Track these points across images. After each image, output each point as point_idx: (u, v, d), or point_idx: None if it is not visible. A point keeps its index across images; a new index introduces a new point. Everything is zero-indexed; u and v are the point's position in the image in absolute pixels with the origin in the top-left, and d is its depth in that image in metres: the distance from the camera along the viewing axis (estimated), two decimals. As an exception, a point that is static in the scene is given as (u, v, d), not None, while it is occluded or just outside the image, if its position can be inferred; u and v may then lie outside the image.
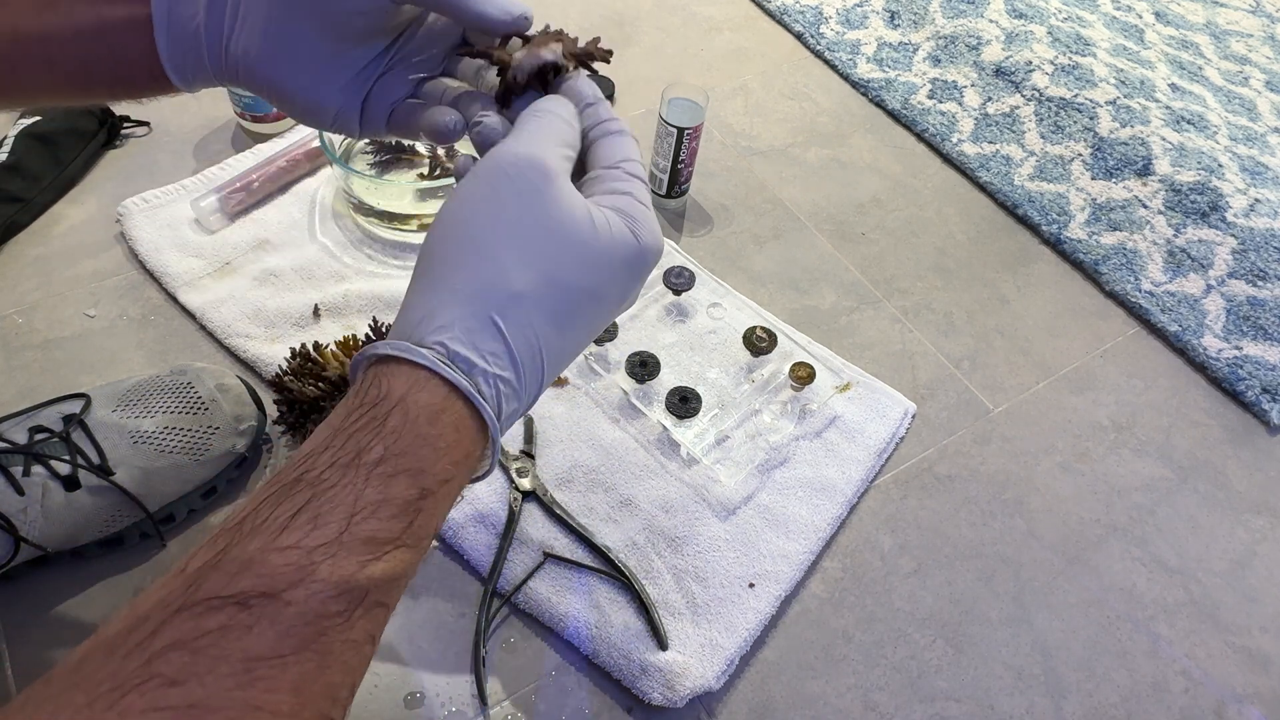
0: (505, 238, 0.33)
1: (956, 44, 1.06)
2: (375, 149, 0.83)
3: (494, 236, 0.33)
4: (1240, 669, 0.63)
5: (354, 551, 0.28)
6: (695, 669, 0.57)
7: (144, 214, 0.78)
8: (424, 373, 0.31)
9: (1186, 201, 0.90)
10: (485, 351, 0.32)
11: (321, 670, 0.27)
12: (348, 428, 0.30)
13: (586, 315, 0.35)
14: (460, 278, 0.32)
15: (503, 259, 0.32)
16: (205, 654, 0.25)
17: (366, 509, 0.29)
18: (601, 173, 0.38)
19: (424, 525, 0.30)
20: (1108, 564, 0.68)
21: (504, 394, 0.32)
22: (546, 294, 0.33)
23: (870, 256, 0.86)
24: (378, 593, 0.29)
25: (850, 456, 0.69)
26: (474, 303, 0.32)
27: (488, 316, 0.32)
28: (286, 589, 0.27)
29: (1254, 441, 0.77)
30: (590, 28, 1.08)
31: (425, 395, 0.31)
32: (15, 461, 0.54)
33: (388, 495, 0.29)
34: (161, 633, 0.26)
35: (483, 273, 0.32)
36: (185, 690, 0.24)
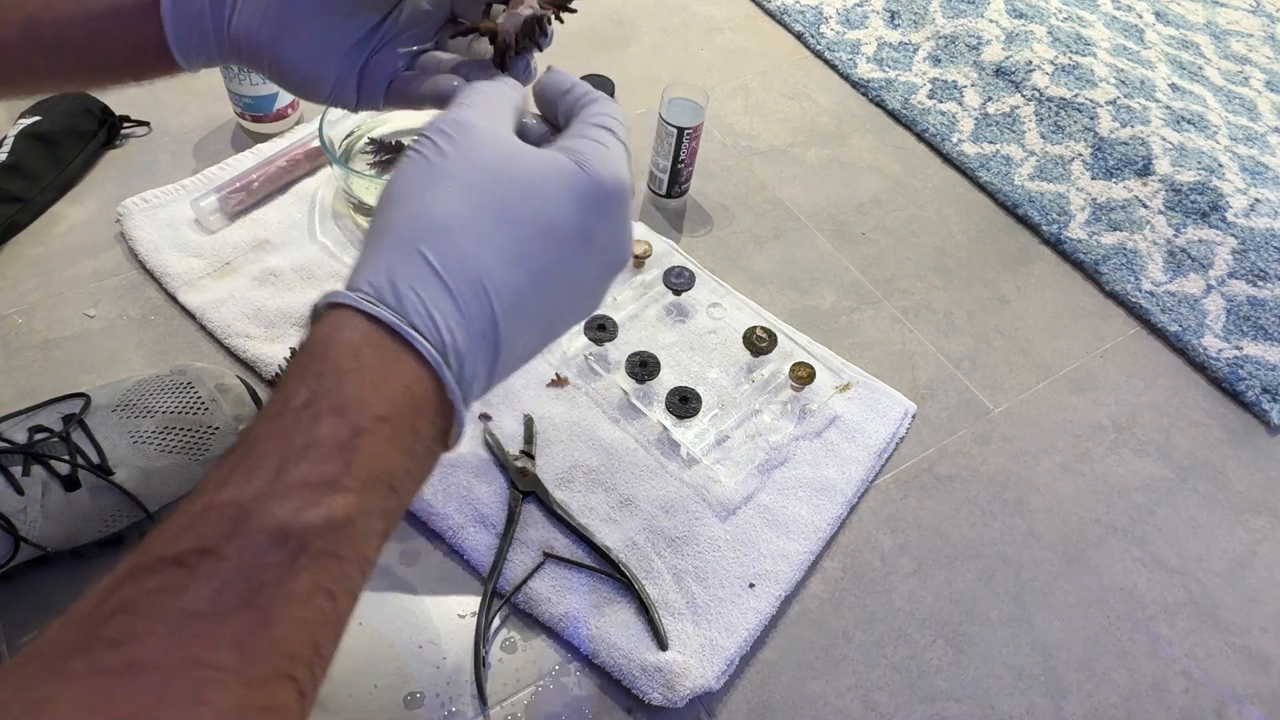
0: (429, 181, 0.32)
1: (957, 44, 1.06)
2: (375, 149, 0.83)
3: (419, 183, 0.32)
4: (1240, 669, 0.63)
5: (287, 498, 0.27)
6: (695, 669, 0.57)
7: (144, 214, 0.78)
8: (346, 312, 0.30)
9: (1187, 201, 0.90)
10: (414, 283, 0.30)
11: (265, 625, 0.26)
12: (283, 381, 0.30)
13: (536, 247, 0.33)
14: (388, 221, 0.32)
15: (426, 198, 0.32)
16: (144, 614, 0.25)
17: (295, 454, 0.28)
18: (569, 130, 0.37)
19: (367, 467, 0.29)
20: (1108, 564, 0.68)
21: (441, 323, 0.30)
22: (476, 223, 0.32)
23: (870, 256, 0.86)
24: (321, 540, 0.27)
25: (850, 456, 0.69)
26: (399, 241, 0.31)
27: (413, 250, 0.31)
28: (222, 543, 0.26)
29: (1254, 441, 0.77)
30: (590, 28, 1.08)
31: (346, 332, 0.30)
32: (15, 461, 0.54)
33: (313, 437, 0.28)
34: (107, 600, 0.26)
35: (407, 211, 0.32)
36: (124, 651, 0.24)
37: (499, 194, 0.33)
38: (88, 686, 0.24)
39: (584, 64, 1.02)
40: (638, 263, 0.79)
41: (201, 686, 0.24)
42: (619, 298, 0.77)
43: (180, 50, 0.43)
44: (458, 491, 0.64)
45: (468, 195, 0.32)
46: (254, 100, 0.84)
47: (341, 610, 0.28)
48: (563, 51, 1.04)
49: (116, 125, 0.85)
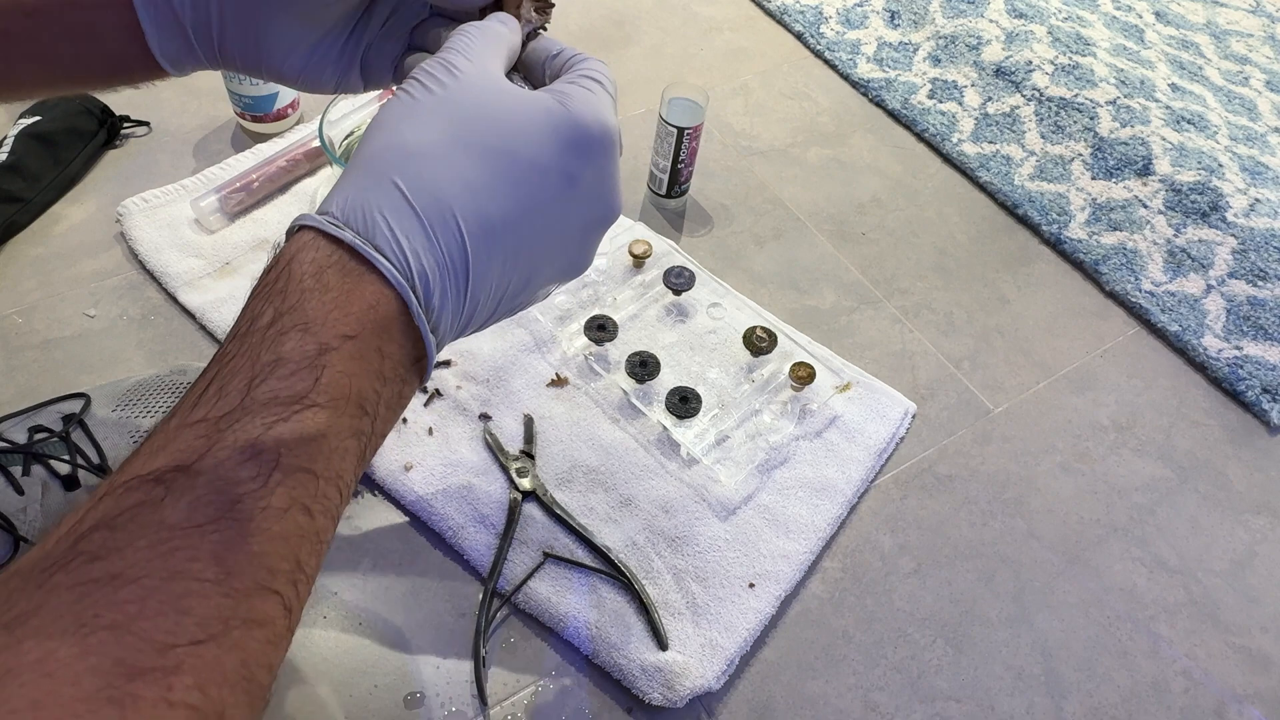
0: (408, 114, 0.32)
1: (957, 44, 1.06)
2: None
3: (398, 116, 0.32)
4: (1240, 669, 0.63)
5: (257, 414, 0.27)
6: (695, 669, 0.57)
7: (144, 214, 0.78)
8: (312, 233, 0.30)
9: (1187, 201, 0.90)
10: (383, 208, 0.30)
11: (244, 538, 0.26)
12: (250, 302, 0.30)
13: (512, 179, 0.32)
14: (361, 152, 0.32)
15: (400, 129, 0.32)
16: (124, 529, 0.25)
17: (264, 370, 0.28)
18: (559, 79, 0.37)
19: (335, 384, 0.29)
20: (1108, 564, 0.68)
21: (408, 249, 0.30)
22: (450, 153, 0.31)
23: (870, 256, 0.86)
24: (293, 456, 0.27)
25: (850, 456, 0.69)
26: (372, 169, 0.31)
27: (385, 177, 0.31)
28: (196, 460, 0.26)
29: (1254, 441, 0.77)
30: (590, 27, 1.08)
31: (310, 253, 0.30)
32: (15, 461, 0.54)
33: (281, 354, 0.28)
34: (87, 518, 0.26)
35: (380, 141, 0.32)
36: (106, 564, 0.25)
37: (477, 127, 0.32)
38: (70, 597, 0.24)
39: (584, 64, 1.02)
40: (637, 263, 0.79)
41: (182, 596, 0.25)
42: (619, 298, 0.77)
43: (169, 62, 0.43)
44: (458, 491, 0.64)
45: (445, 127, 0.32)
46: (254, 100, 0.84)
47: (320, 528, 0.29)
48: (563, 51, 1.04)
49: (116, 125, 0.85)
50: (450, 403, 0.69)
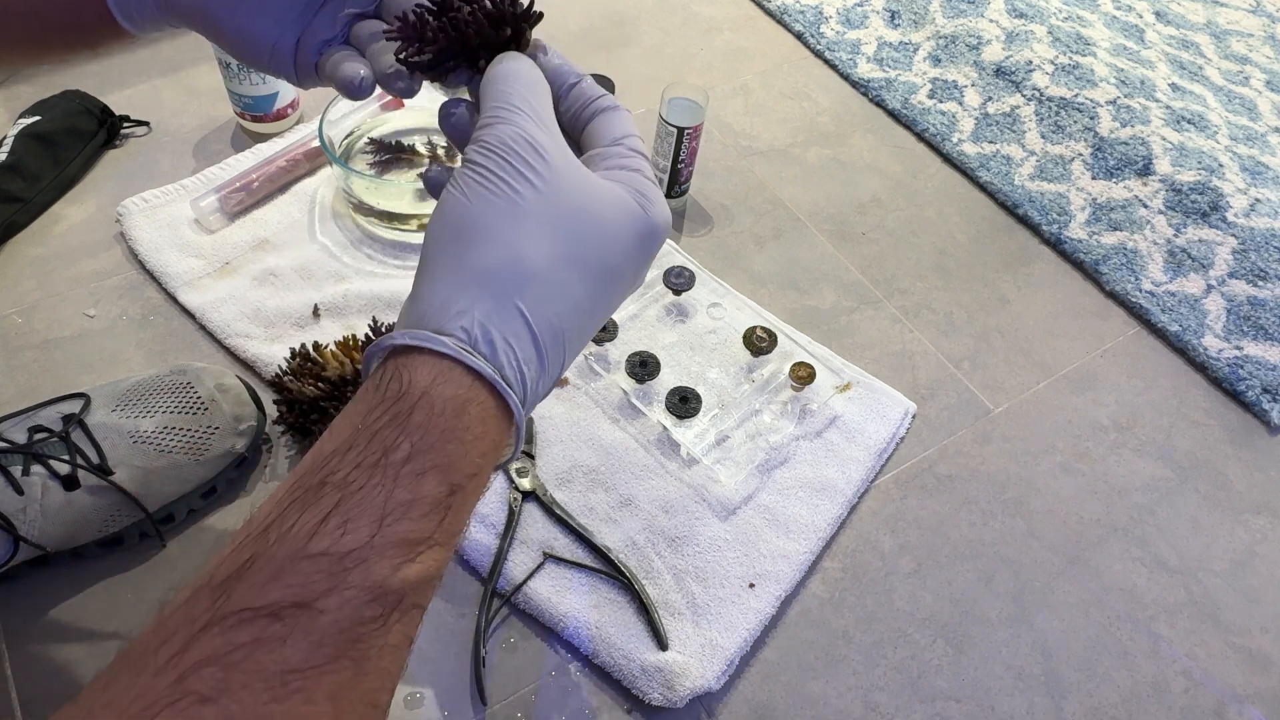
0: (516, 219, 0.31)
1: (957, 44, 1.06)
2: (375, 149, 0.83)
3: (504, 219, 0.31)
4: (1241, 669, 0.63)
5: (387, 555, 0.27)
6: (695, 669, 0.57)
7: (143, 214, 0.78)
8: (447, 362, 0.29)
9: (1187, 201, 0.90)
10: (508, 335, 0.30)
11: (359, 677, 0.26)
12: (371, 425, 0.29)
13: (605, 293, 0.34)
14: (475, 262, 0.30)
15: (517, 241, 0.31)
16: (238, 669, 0.24)
17: (397, 510, 0.27)
18: (603, 150, 0.37)
19: (455, 521, 0.29)
20: (1108, 564, 0.68)
21: (529, 378, 0.31)
22: (565, 273, 0.31)
23: (870, 256, 0.86)
24: (413, 595, 0.28)
25: (850, 456, 0.69)
26: (492, 285, 0.30)
27: (508, 299, 0.30)
28: (319, 597, 0.26)
29: (1254, 441, 0.77)
30: (590, 27, 1.08)
31: (450, 387, 0.29)
32: (14, 461, 0.54)
33: (418, 494, 0.28)
34: (191, 648, 0.25)
35: (498, 255, 0.30)
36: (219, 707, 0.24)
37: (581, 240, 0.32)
38: None
39: (584, 64, 1.01)
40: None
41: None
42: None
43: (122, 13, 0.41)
44: (457, 491, 0.64)
45: (555, 242, 0.31)
46: (254, 100, 0.84)
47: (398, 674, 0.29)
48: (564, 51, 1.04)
49: (116, 125, 0.85)
50: (450, 403, 0.69)
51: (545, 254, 0.31)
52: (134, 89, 0.91)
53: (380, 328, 0.67)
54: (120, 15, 0.42)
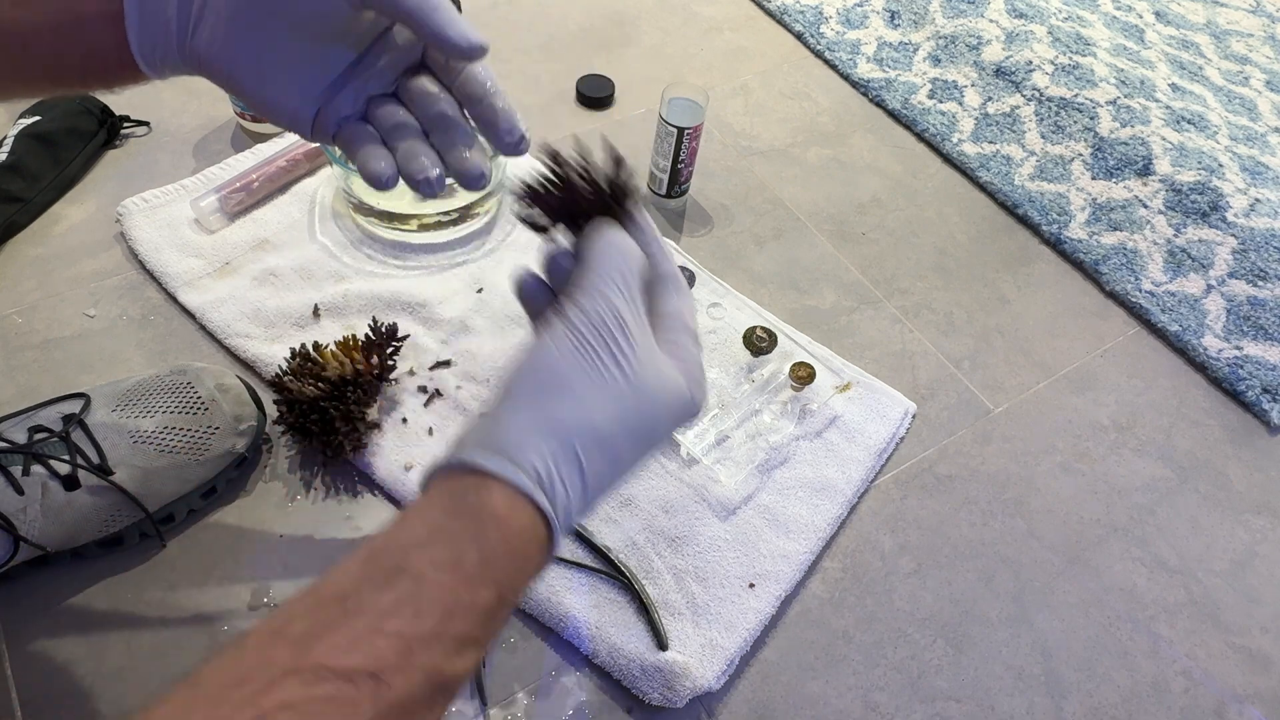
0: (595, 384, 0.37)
1: (957, 44, 1.06)
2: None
3: (586, 381, 0.37)
4: (1241, 669, 0.63)
5: (447, 647, 0.31)
6: (695, 669, 0.57)
7: (144, 214, 0.78)
8: (522, 497, 0.34)
9: (1187, 201, 0.90)
10: (567, 481, 0.35)
11: None
12: (449, 528, 0.33)
13: (642, 456, 0.39)
14: (556, 412, 0.36)
15: (592, 402, 0.36)
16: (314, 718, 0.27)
17: (461, 610, 0.32)
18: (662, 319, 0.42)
19: (497, 627, 0.34)
20: (1108, 564, 0.68)
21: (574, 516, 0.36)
22: (620, 437, 0.37)
23: (870, 256, 0.86)
24: (456, 684, 0.32)
25: (850, 456, 0.69)
26: (564, 435, 0.35)
27: (574, 450, 0.35)
28: (389, 672, 0.29)
29: (1254, 441, 0.77)
30: (591, 27, 1.08)
31: (522, 518, 0.34)
32: (15, 461, 0.54)
33: (477, 600, 0.32)
34: (271, 692, 0.27)
35: (577, 414, 0.36)
36: None
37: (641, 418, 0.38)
38: None
39: (584, 64, 1.02)
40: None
41: None
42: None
43: (146, 62, 0.42)
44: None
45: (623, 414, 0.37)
46: (254, 100, 0.84)
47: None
48: (564, 51, 1.04)
49: (116, 125, 0.85)
50: (450, 403, 0.69)
51: (613, 422, 0.37)
52: (134, 90, 0.91)
53: (381, 327, 0.67)
54: (148, 69, 0.42)
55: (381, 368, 0.67)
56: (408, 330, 0.72)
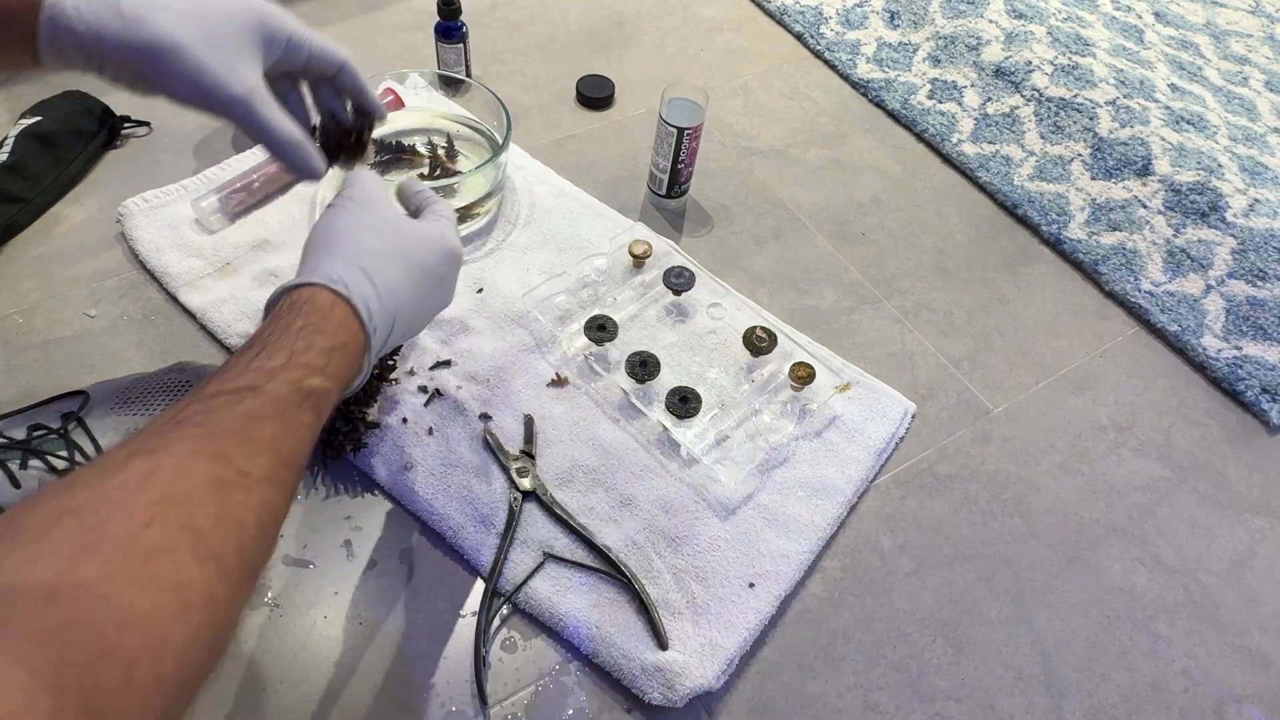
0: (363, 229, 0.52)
1: (956, 44, 1.06)
2: (375, 149, 0.83)
3: (356, 228, 0.52)
4: (1240, 669, 0.63)
5: (297, 371, 0.44)
6: (695, 668, 0.57)
7: (144, 214, 0.78)
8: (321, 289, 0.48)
9: (1186, 201, 0.90)
10: (355, 282, 0.49)
11: (287, 431, 0.42)
12: (279, 315, 0.47)
13: (419, 277, 0.53)
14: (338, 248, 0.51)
15: (362, 238, 0.52)
16: (215, 412, 0.40)
17: (300, 349, 0.45)
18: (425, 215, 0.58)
19: (336, 367, 0.46)
20: (1107, 564, 0.68)
21: (371, 309, 0.49)
22: (390, 256, 0.52)
23: (870, 256, 0.86)
24: (314, 398, 0.44)
25: (850, 456, 0.69)
26: (348, 258, 0.50)
27: (356, 265, 0.50)
28: (261, 385, 0.42)
29: (1253, 441, 0.77)
30: (590, 28, 1.08)
31: (322, 296, 0.48)
32: (13, 456, 0.54)
33: (311, 343, 0.45)
34: (184, 410, 0.40)
35: (352, 244, 0.51)
36: (205, 428, 0.39)
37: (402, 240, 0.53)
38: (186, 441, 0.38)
39: (584, 65, 1.02)
40: (637, 263, 0.79)
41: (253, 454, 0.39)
42: (619, 298, 0.77)
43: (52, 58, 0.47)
44: (458, 491, 0.64)
45: (382, 238, 0.52)
46: (254, 100, 0.84)
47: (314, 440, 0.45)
48: (564, 52, 1.04)
49: (117, 125, 0.85)
50: (450, 403, 0.69)
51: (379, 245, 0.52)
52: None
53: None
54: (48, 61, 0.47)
55: (382, 367, 0.67)
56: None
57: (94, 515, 0.33)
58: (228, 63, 0.48)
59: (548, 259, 0.80)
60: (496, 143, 0.84)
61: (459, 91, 0.91)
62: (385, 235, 0.52)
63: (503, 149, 0.78)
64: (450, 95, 0.91)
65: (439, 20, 0.92)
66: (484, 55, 1.02)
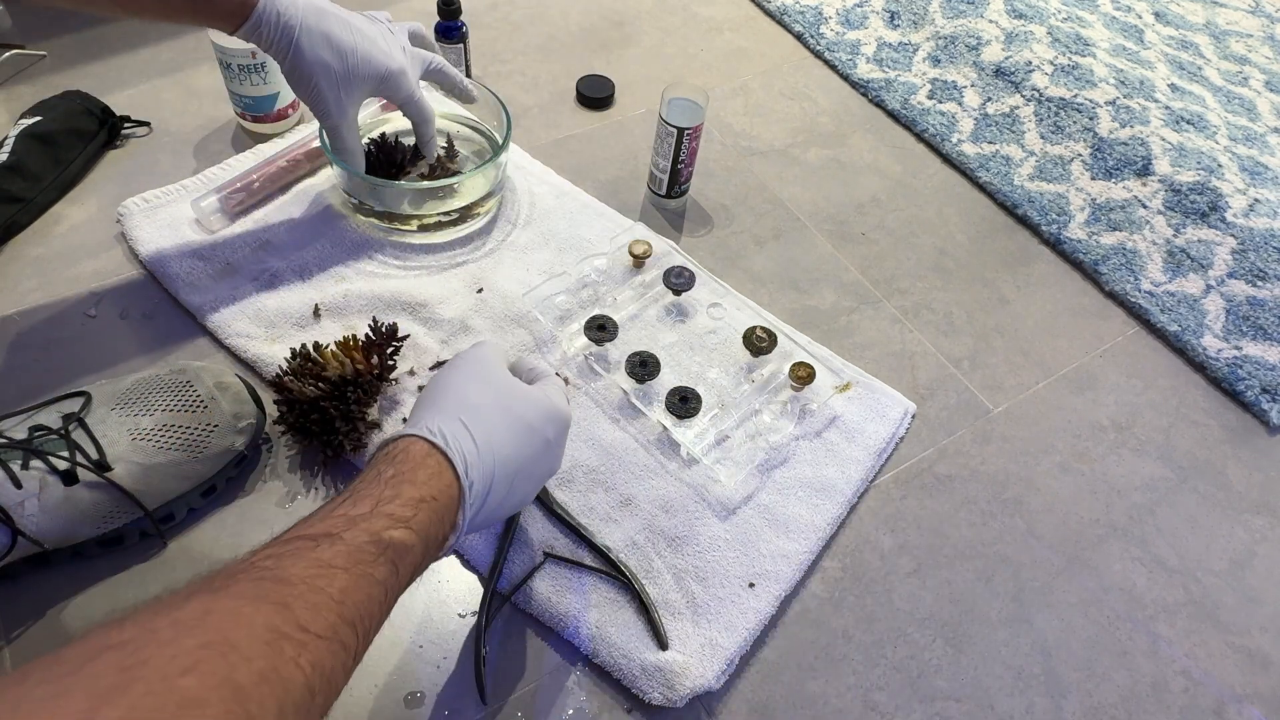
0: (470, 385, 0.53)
1: (956, 44, 1.06)
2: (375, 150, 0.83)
3: (464, 384, 0.53)
4: (1240, 669, 0.63)
5: (380, 521, 0.43)
6: (695, 669, 0.57)
7: (144, 214, 0.78)
8: (418, 440, 0.48)
9: (1186, 201, 0.90)
10: (453, 433, 0.49)
11: (357, 585, 0.39)
12: (372, 464, 0.47)
13: (522, 436, 0.52)
14: (442, 402, 0.52)
15: (469, 393, 0.52)
16: (287, 557, 0.39)
17: (386, 499, 0.44)
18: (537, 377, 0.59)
19: (424, 521, 0.45)
20: (1107, 564, 0.68)
21: (469, 461, 0.48)
22: (495, 411, 0.52)
23: (870, 256, 0.86)
24: (393, 551, 0.42)
25: (850, 456, 0.69)
26: (449, 411, 0.51)
27: (457, 417, 0.50)
28: (340, 533, 0.41)
29: (1253, 441, 0.77)
30: (590, 28, 1.08)
31: (417, 447, 0.48)
32: (14, 456, 0.54)
33: (399, 493, 0.45)
34: (261, 554, 0.39)
35: (455, 398, 0.52)
36: (273, 573, 0.38)
37: (506, 398, 0.53)
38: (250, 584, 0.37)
39: (584, 65, 1.02)
40: (637, 263, 0.79)
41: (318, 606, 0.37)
42: (619, 297, 0.77)
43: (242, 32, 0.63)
44: (458, 491, 0.64)
45: (488, 394, 0.53)
46: (254, 100, 0.84)
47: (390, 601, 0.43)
48: (564, 52, 1.04)
49: (117, 125, 0.85)
50: (450, 402, 0.69)
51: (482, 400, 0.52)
52: (135, 89, 0.91)
53: (381, 327, 0.67)
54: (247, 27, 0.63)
55: (382, 367, 0.67)
56: (408, 330, 0.72)
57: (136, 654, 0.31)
58: (339, 100, 0.68)
59: (548, 259, 0.80)
60: (496, 143, 0.84)
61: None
62: (492, 392, 0.52)
63: (503, 149, 0.78)
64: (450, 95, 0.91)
65: (439, 20, 0.92)
66: (484, 55, 1.02)
